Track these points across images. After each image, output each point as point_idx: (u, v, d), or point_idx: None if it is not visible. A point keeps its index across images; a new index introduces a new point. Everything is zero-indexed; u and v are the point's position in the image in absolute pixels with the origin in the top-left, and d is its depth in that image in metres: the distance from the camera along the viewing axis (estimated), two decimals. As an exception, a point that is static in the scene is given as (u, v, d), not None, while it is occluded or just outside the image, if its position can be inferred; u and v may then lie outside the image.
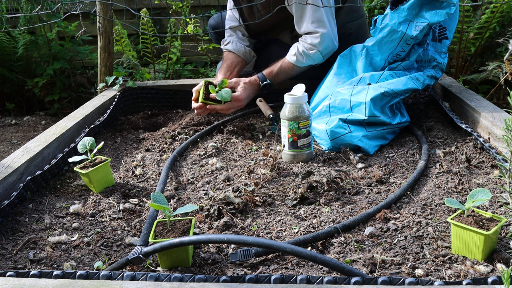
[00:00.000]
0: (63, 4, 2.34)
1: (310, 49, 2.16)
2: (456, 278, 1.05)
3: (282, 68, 2.22)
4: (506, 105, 2.62)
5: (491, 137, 1.72)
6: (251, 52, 2.43)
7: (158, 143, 2.03)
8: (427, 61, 2.02)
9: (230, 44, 2.40)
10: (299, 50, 2.18)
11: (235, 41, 2.40)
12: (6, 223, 1.38)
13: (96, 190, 1.58)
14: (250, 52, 2.42)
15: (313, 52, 2.16)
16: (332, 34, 2.16)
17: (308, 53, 2.16)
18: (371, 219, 1.33)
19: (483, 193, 1.13)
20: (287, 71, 2.22)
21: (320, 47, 2.14)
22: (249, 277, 0.96)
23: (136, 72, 3.14)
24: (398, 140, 1.92)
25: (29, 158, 1.61)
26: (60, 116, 3.32)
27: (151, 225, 1.27)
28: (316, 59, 2.19)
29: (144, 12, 2.97)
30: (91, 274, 1.02)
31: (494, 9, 2.72)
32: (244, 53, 2.39)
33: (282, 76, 2.24)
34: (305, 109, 1.72)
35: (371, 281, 0.94)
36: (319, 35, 2.12)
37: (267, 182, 1.59)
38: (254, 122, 2.24)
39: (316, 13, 2.10)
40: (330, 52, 2.19)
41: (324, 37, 2.12)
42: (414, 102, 2.37)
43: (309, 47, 2.16)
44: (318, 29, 2.12)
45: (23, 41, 3.26)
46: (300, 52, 2.18)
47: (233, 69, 2.34)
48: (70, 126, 1.96)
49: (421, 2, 1.90)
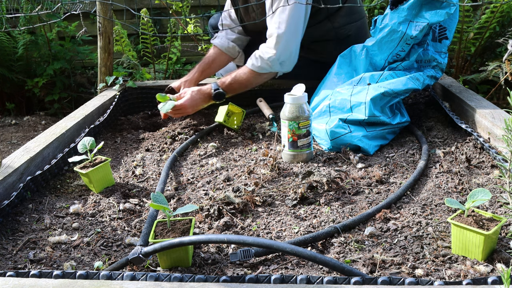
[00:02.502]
0: (63, 4, 2.34)
1: (266, 52, 2.09)
2: (456, 278, 1.05)
3: (237, 75, 2.17)
4: (506, 105, 2.62)
5: (491, 137, 1.72)
6: (235, 48, 2.44)
7: (158, 143, 2.03)
8: (427, 61, 2.02)
9: (216, 38, 2.45)
10: (256, 54, 2.12)
11: (221, 36, 2.44)
12: (6, 223, 1.38)
13: (96, 190, 1.58)
14: (234, 47, 2.43)
15: (268, 56, 2.08)
16: (291, 40, 2.06)
17: (263, 57, 2.09)
18: (371, 219, 1.33)
19: (483, 193, 1.13)
20: (244, 77, 2.15)
21: (275, 50, 2.06)
22: (249, 277, 0.96)
23: (136, 72, 3.14)
24: (398, 140, 1.92)
25: (29, 158, 1.61)
26: (60, 116, 3.32)
27: (151, 225, 1.27)
28: (272, 65, 2.09)
29: (144, 12, 2.98)
30: (91, 274, 1.02)
31: (494, 9, 2.72)
32: (227, 48, 2.42)
33: (236, 85, 2.17)
34: (305, 109, 1.72)
35: (371, 281, 0.94)
36: (275, 36, 2.06)
37: (267, 182, 1.59)
38: (254, 122, 2.24)
39: (281, 15, 2.04)
40: (288, 60, 2.11)
41: (280, 39, 2.05)
42: (414, 102, 2.37)
43: (265, 50, 2.10)
44: (276, 30, 2.05)
45: (23, 41, 3.26)
46: (256, 56, 2.12)
47: (211, 64, 2.42)
48: (70, 126, 1.96)
49: (421, 2, 1.90)
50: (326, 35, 2.29)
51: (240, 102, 2.51)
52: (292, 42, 2.09)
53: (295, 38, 2.09)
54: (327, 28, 2.27)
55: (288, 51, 2.09)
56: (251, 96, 2.42)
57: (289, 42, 2.08)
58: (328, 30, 2.27)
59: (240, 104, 2.50)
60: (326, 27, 2.26)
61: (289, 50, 2.09)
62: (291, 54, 2.11)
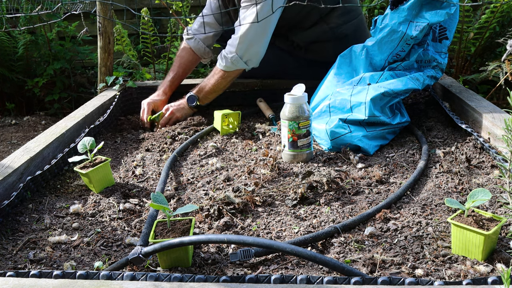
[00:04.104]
0: (63, 4, 2.34)
1: (230, 52, 2.11)
2: (456, 278, 1.05)
3: (207, 77, 2.23)
4: (506, 105, 2.62)
5: (491, 137, 1.72)
6: (209, 53, 2.45)
7: (158, 143, 2.03)
8: (427, 61, 2.02)
9: (193, 40, 2.42)
10: (222, 54, 2.15)
11: (198, 39, 2.41)
12: (6, 223, 1.38)
13: (96, 190, 1.58)
14: (208, 52, 2.45)
15: (231, 55, 2.10)
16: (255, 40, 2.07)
17: (227, 56, 2.12)
18: (371, 219, 1.33)
19: (483, 193, 1.13)
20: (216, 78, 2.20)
21: (238, 50, 2.08)
22: (249, 277, 0.96)
23: (136, 72, 3.15)
24: (398, 140, 1.92)
25: (29, 158, 1.61)
26: (60, 116, 3.32)
27: (151, 225, 1.27)
28: (235, 63, 2.12)
29: (144, 12, 2.97)
30: (91, 274, 1.02)
31: (494, 9, 2.72)
32: (202, 53, 2.43)
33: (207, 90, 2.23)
34: (305, 109, 1.72)
35: (371, 281, 0.94)
36: (238, 37, 2.07)
37: (267, 182, 1.59)
38: (254, 122, 2.24)
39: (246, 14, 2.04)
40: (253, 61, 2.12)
41: (242, 39, 2.06)
42: (414, 102, 2.37)
43: (229, 50, 2.12)
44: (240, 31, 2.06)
45: (23, 41, 3.26)
46: (222, 56, 2.15)
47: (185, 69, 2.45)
48: (70, 126, 1.96)
49: (421, 2, 1.90)
50: (323, 36, 2.29)
51: (240, 102, 2.52)
52: (257, 42, 2.09)
53: (260, 37, 2.08)
54: (324, 29, 2.27)
55: (253, 51, 2.10)
56: (251, 96, 2.42)
57: (253, 42, 2.08)
58: (324, 31, 2.27)
59: (240, 104, 2.51)
60: (322, 28, 2.26)
61: (253, 50, 2.10)
62: (257, 53, 2.12)
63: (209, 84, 2.23)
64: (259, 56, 2.14)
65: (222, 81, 2.21)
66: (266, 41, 2.11)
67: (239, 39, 2.07)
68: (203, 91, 2.25)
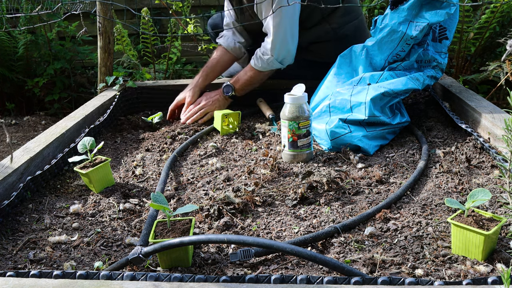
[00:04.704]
0: (63, 4, 2.34)
1: (264, 54, 2.19)
2: (456, 278, 1.05)
3: (242, 72, 2.28)
4: (506, 105, 2.62)
5: (491, 137, 1.72)
6: (241, 48, 2.47)
7: (158, 143, 2.03)
8: (427, 61, 2.02)
9: (222, 38, 2.47)
10: (257, 54, 2.22)
11: (227, 36, 2.46)
12: (6, 223, 1.38)
13: (96, 190, 1.58)
14: (240, 48, 2.46)
15: (267, 57, 2.19)
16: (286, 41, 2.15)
17: (263, 58, 2.20)
18: (371, 219, 1.33)
19: (483, 193, 1.13)
20: (248, 74, 2.26)
21: (272, 53, 2.17)
22: (249, 277, 0.96)
23: (136, 72, 3.14)
24: (398, 140, 1.92)
25: (29, 158, 1.61)
26: (60, 116, 3.32)
27: (151, 225, 1.27)
28: (271, 64, 2.21)
29: (144, 12, 2.97)
30: (91, 274, 1.02)
31: (494, 9, 2.72)
32: (233, 49, 2.45)
33: (243, 82, 2.28)
34: (305, 109, 1.72)
35: (371, 281, 0.94)
36: (271, 41, 2.15)
37: (267, 182, 1.58)
38: (254, 122, 2.24)
39: (274, 19, 2.11)
40: (287, 59, 2.21)
41: (275, 43, 2.14)
42: (414, 102, 2.37)
43: (263, 51, 2.20)
44: (271, 36, 2.14)
45: (23, 41, 3.26)
46: (257, 56, 2.22)
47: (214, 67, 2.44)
48: (70, 126, 1.96)
49: (421, 2, 1.90)
50: (324, 36, 2.29)
51: (240, 102, 2.51)
52: (287, 42, 2.17)
53: (290, 38, 2.17)
54: (325, 29, 2.27)
55: (285, 50, 2.19)
56: (251, 96, 2.42)
57: (284, 43, 2.16)
58: (326, 31, 2.27)
59: (240, 104, 2.50)
60: (323, 28, 2.27)
61: (286, 49, 2.18)
62: (289, 52, 2.20)
63: (245, 77, 2.28)
64: (292, 53, 2.21)
65: (256, 79, 2.28)
66: (296, 38, 2.19)
67: (271, 43, 2.15)
68: (238, 84, 2.29)
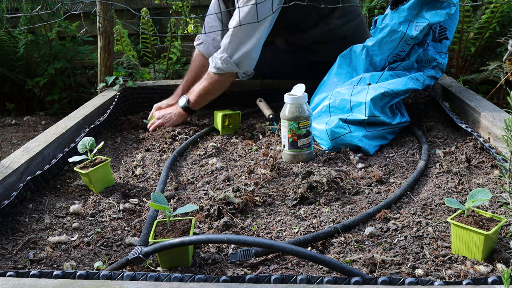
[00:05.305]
0: (64, 4, 2.34)
1: (219, 52, 2.05)
2: (456, 278, 1.05)
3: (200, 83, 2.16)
4: (506, 105, 2.62)
5: (491, 137, 1.72)
6: None
7: (158, 143, 2.03)
8: (427, 61, 2.02)
9: (202, 45, 2.39)
10: (214, 55, 2.09)
11: (208, 44, 2.37)
12: (6, 223, 1.38)
13: (96, 190, 1.58)
14: None
15: (220, 55, 2.03)
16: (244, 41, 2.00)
17: (217, 57, 2.05)
18: (371, 219, 1.33)
19: (483, 193, 1.13)
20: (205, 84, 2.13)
21: (226, 50, 2.01)
22: (249, 277, 0.96)
23: (136, 72, 3.14)
24: (398, 140, 1.92)
25: (29, 158, 1.61)
26: (60, 116, 3.32)
27: (151, 225, 1.27)
28: (226, 65, 2.03)
29: (144, 12, 2.97)
30: (91, 274, 1.02)
31: (494, 9, 2.72)
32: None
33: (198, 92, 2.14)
34: (305, 109, 1.72)
35: (371, 281, 0.94)
36: (227, 36, 2.02)
37: (267, 182, 1.58)
38: (254, 122, 2.24)
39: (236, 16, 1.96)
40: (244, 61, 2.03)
41: (232, 38, 1.99)
42: (414, 102, 2.37)
43: (219, 50, 2.06)
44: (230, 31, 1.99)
45: (23, 40, 3.26)
46: (213, 57, 2.08)
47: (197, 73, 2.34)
48: (70, 126, 1.96)
49: (421, 2, 1.90)
50: (323, 37, 2.29)
51: (240, 102, 2.52)
52: (245, 44, 2.02)
53: (250, 39, 2.01)
54: (324, 31, 2.26)
55: (242, 53, 2.02)
56: (251, 96, 2.42)
57: (242, 43, 2.02)
58: (324, 32, 2.27)
59: (240, 104, 2.51)
60: (322, 29, 2.26)
61: (242, 51, 2.02)
62: (248, 56, 2.04)
63: (200, 86, 2.15)
64: (251, 58, 2.05)
65: (213, 85, 2.13)
66: (258, 43, 2.03)
67: (229, 37, 2.01)
68: (193, 93, 2.17)
